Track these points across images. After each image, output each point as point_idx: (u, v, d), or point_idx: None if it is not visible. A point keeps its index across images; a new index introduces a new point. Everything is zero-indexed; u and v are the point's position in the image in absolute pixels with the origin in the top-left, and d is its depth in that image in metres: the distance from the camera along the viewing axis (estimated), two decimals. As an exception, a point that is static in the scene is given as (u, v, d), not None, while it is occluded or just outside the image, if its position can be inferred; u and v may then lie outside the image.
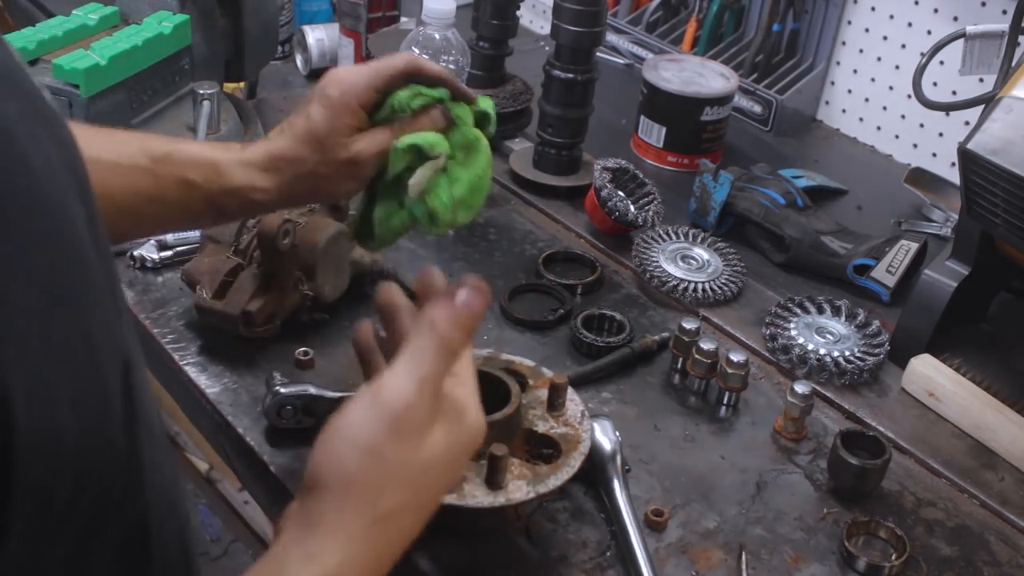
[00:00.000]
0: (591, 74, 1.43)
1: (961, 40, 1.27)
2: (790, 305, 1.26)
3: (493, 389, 0.95)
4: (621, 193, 1.37)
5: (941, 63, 1.32)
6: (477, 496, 0.86)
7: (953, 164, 1.55)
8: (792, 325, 1.22)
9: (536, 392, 0.97)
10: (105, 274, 0.52)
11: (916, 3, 1.63)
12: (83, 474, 0.47)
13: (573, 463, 0.91)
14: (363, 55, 1.76)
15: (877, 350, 1.20)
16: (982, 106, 1.09)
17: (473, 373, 0.74)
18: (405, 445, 0.65)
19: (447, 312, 0.67)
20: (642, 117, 1.62)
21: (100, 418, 0.48)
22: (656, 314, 1.27)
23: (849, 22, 1.74)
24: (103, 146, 0.87)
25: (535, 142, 1.50)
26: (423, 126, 0.93)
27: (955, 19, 1.58)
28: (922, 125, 1.68)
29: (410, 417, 0.65)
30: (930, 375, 1.16)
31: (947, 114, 1.60)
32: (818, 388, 1.16)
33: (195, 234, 1.24)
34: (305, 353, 1.12)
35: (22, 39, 1.20)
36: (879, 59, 1.71)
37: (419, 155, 0.92)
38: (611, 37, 1.90)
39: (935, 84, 1.56)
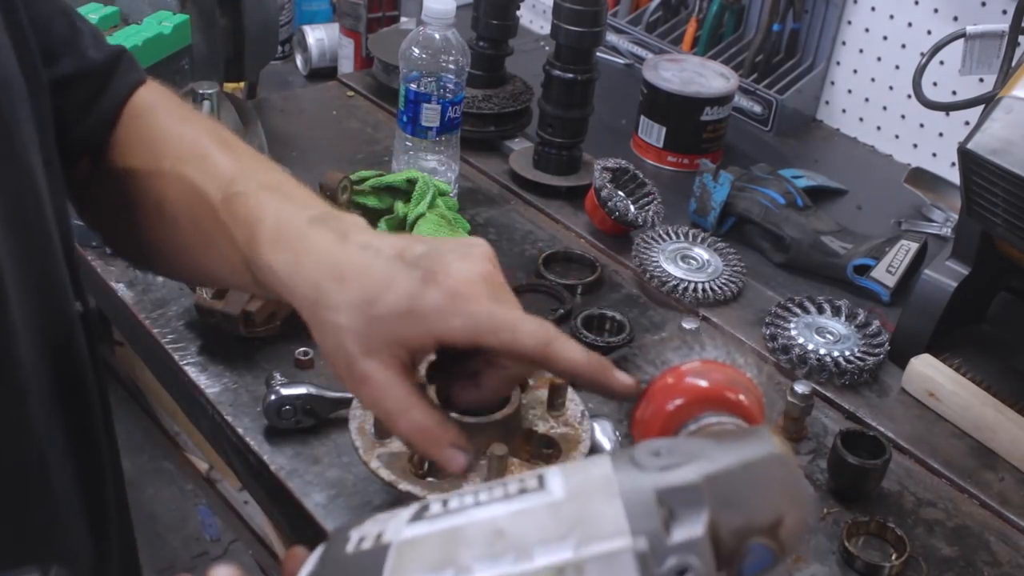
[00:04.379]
0: (591, 74, 1.43)
1: (961, 40, 1.27)
2: (790, 305, 1.26)
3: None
4: (621, 193, 1.37)
5: (941, 63, 1.32)
6: (477, 496, 0.86)
7: (953, 164, 1.55)
8: (792, 325, 1.22)
9: (536, 392, 0.97)
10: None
11: (916, 3, 1.63)
12: None
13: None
14: (363, 55, 1.76)
15: (877, 350, 1.20)
16: (982, 106, 1.09)
17: None
18: None
19: None
20: (642, 117, 1.62)
21: None
22: (656, 314, 1.27)
23: (849, 22, 1.74)
24: (202, 160, 0.76)
25: (535, 142, 1.50)
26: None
27: (955, 19, 1.58)
28: (922, 125, 1.68)
29: None
30: (930, 375, 1.16)
31: (947, 114, 1.60)
32: (818, 388, 1.16)
33: (195, 234, 1.23)
34: (305, 353, 1.12)
35: (22, 39, 1.19)
36: (879, 59, 1.71)
37: None
38: (611, 37, 1.90)
39: (935, 84, 1.56)
